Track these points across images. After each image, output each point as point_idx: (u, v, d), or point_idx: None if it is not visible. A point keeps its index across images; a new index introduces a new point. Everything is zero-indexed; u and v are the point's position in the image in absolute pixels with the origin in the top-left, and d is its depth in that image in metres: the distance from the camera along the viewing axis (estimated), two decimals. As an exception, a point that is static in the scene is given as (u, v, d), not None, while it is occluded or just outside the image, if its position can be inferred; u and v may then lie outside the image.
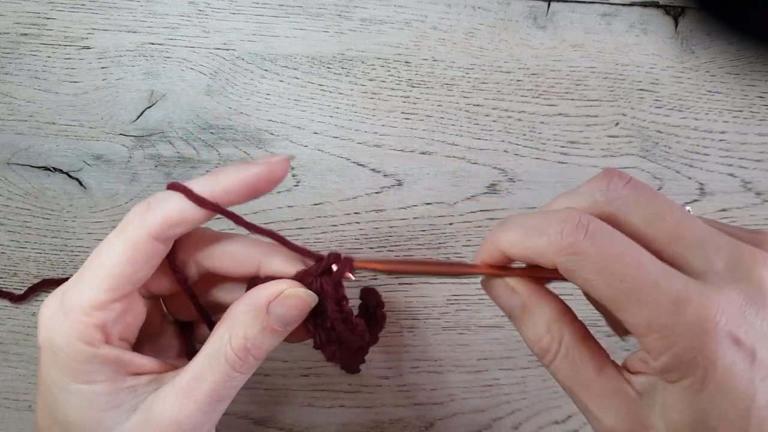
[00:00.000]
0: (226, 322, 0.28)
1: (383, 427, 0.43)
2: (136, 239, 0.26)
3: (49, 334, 0.26)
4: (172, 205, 0.27)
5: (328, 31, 0.43)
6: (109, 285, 0.26)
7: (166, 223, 0.27)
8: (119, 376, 0.27)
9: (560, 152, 0.43)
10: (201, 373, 0.27)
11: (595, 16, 0.44)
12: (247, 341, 0.27)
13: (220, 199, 0.27)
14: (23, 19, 0.43)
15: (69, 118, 0.43)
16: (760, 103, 0.44)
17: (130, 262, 0.26)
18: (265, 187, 0.28)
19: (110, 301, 0.26)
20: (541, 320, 0.27)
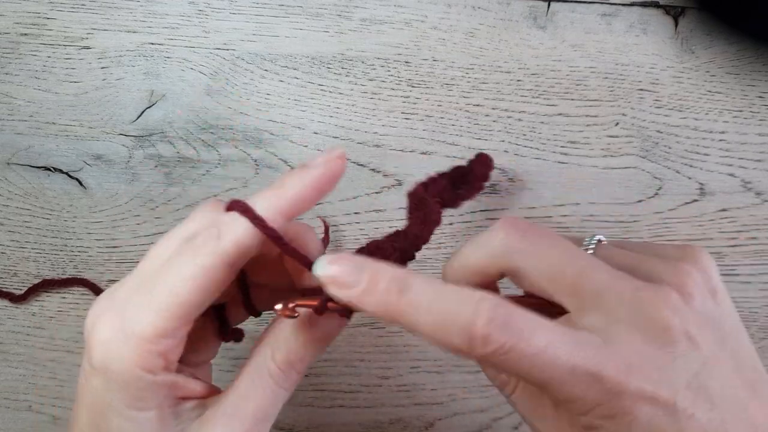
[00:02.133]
0: (268, 338, 0.28)
1: (383, 427, 0.43)
2: (209, 267, 0.25)
3: (106, 356, 0.25)
4: (241, 231, 0.25)
5: (328, 31, 0.43)
6: (178, 313, 0.25)
7: (239, 251, 0.25)
8: (168, 401, 0.26)
9: (560, 152, 0.43)
10: (245, 392, 0.27)
11: (595, 16, 0.44)
12: (290, 354, 0.27)
13: (289, 213, 0.26)
14: (23, 19, 0.43)
15: (69, 118, 0.43)
16: (760, 103, 0.44)
17: (202, 290, 0.25)
18: (328, 188, 0.27)
19: (177, 328, 0.25)
20: None
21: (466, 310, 0.24)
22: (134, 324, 0.25)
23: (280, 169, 0.43)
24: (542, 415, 0.26)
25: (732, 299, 0.42)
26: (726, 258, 0.43)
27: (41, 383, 0.43)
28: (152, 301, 0.25)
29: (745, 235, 0.43)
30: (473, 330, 0.23)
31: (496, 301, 0.24)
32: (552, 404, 0.26)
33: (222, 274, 0.25)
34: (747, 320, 0.42)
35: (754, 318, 0.43)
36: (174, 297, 0.25)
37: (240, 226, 0.25)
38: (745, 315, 0.43)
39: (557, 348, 0.23)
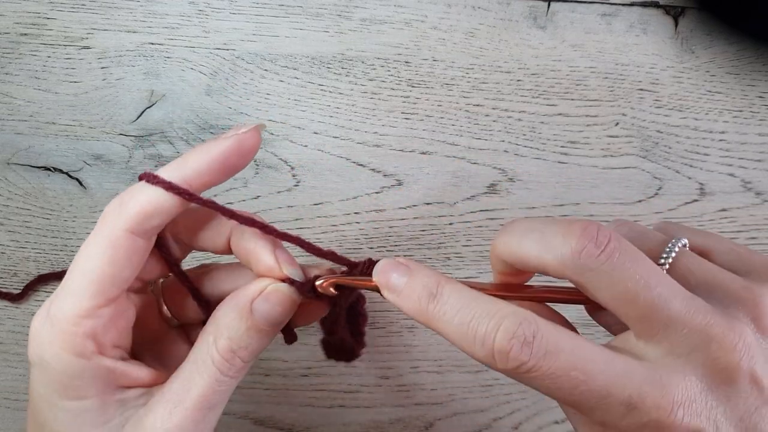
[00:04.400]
0: (210, 325, 0.27)
1: (383, 427, 0.43)
2: (113, 237, 0.25)
3: (37, 347, 0.25)
4: (144, 197, 0.25)
5: (328, 31, 0.43)
6: (93, 290, 0.25)
7: (142, 215, 0.25)
8: (109, 389, 0.26)
9: (560, 152, 0.43)
10: (188, 379, 0.26)
11: (595, 16, 0.44)
12: (233, 342, 0.26)
13: (193, 182, 0.26)
14: (23, 19, 0.43)
15: (69, 118, 0.43)
16: (760, 103, 0.44)
17: (111, 263, 0.25)
18: (239, 162, 0.27)
19: (96, 306, 0.25)
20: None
21: (490, 324, 0.23)
22: (56, 310, 0.25)
23: (280, 169, 0.43)
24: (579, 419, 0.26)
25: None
26: (726, 258, 0.43)
27: (41, 383, 0.43)
28: (68, 285, 0.25)
29: (745, 235, 0.43)
30: (494, 345, 0.23)
31: (524, 317, 0.23)
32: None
33: (128, 242, 0.25)
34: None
35: (754, 318, 0.43)
36: (86, 274, 0.25)
37: (142, 191, 0.25)
38: None
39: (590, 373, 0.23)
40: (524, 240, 0.25)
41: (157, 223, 0.26)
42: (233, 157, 0.26)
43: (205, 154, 0.26)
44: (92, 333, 0.25)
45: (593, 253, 0.24)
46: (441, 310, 0.25)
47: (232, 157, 0.26)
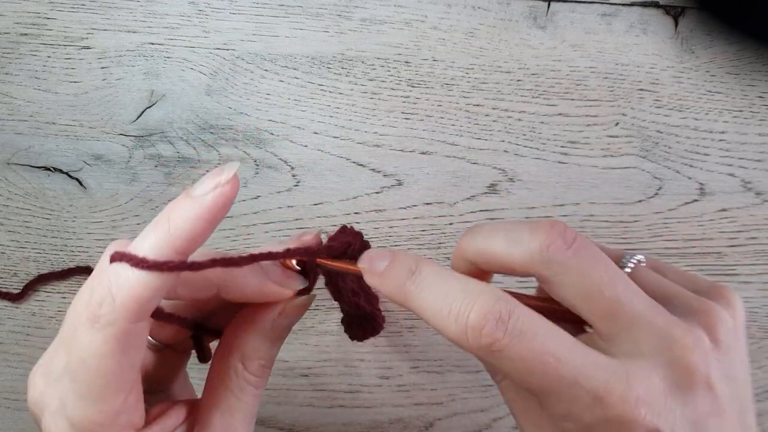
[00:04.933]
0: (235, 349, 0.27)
1: (383, 427, 0.43)
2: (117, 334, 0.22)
3: None
4: (138, 286, 0.22)
5: (328, 31, 0.43)
6: (115, 389, 0.23)
7: (141, 304, 0.22)
8: None
9: (560, 152, 0.43)
10: (229, 407, 0.27)
11: (595, 16, 0.44)
12: (263, 361, 0.28)
13: (185, 251, 0.23)
14: (23, 19, 0.43)
15: (69, 118, 0.43)
16: (760, 103, 0.44)
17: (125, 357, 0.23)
18: (221, 216, 0.24)
19: (124, 401, 0.24)
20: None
21: (465, 301, 0.24)
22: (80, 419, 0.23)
23: (280, 169, 0.43)
24: (525, 408, 0.26)
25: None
26: (726, 258, 0.43)
27: (41, 383, 0.43)
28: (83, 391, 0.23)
29: (745, 235, 0.43)
30: (468, 320, 0.23)
31: (499, 296, 0.24)
32: (538, 403, 0.26)
33: (134, 329, 0.23)
34: (747, 320, 0.42)
35: (754, 318, 0.43)
36: (101, 375, 0.23)
37: (129, 278, 0.22)
38: (745, 315, 0.42)
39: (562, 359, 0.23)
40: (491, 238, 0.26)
41: (158, 302, 0.24)
42: (218, 215, 0.23)
43: (188, 218, 0.23)
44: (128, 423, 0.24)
45: (561, 247, 0.24)
46: (418, 287, 0.25)
47: (217, 215, 0.23)
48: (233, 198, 0.23)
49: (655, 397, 0.23)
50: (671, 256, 0.43)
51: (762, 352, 0.42)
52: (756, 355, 0.42)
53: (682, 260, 0.43)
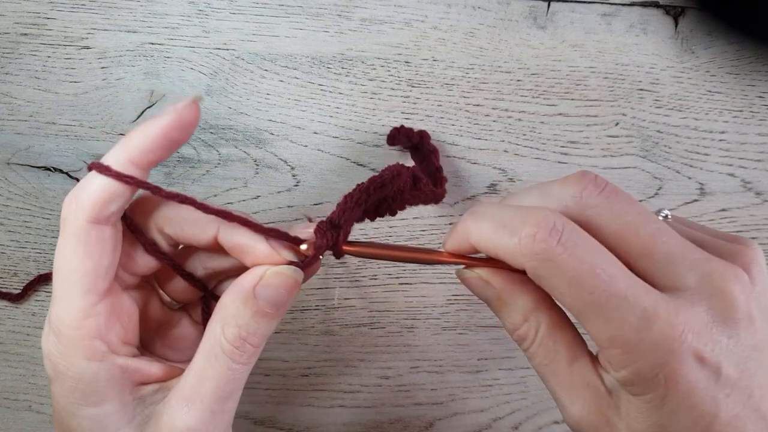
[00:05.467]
0: (216, 315, 0.27)
1: (383, 427, 0.43)
2: (78, 233, 0.25)
3: (50, 361, 0.26)
4: (96, 186, 0.26)
5: (328, 31, 0.43)
6: (80, 289, 0.25)
7: (98, 204, 0.25)
8: (126, 389, 0.26)
9: (560, 152, 0.43)
10: (201, 372, 0.26)
11: (595, 16, 0.44)
12: (241, 329, 0.26)
13: (139, 161, 0.26)
14: (23, 19, 0.43)
15: (69, 118, 0.43)
16: (760, 103, 0.44)
17: (87, 257, 0.25)
18: (181, 136, 0.27)
19: (91, 304, 0.25)
20: (517, 311, 0.27)
21: (520, 215, 0.25)
22: (55, 321, 0.26)
23: (280, 169, 0.43)
24: (556, 371, 0.26)
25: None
26: (726, 258, 0.43)
27: (41, 383, 0.43)
28: (56, 293, 0.26)
29: (745, 235, 0.43)
30: (522, 231, 0.24)
31: (553, 211, 0.24)
32: (567, 360, 0.26)
33: (94, 232, 0.25)
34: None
35: (754, 318, 0.43)
36: (69, 276, 0.25)
37: (91, 181, 0.26)
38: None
39: (613, 276, 0.23)
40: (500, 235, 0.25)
41: (115, 207, 0.26)
42: (174, 132, 0.26)
43: (148, 132, 0.26)
44: (96, 332, 0.26)
45: (593, 191, 0.25)
46: (477, 218, 0.26)
47: (173, 131, 0.26)
48: (191, 121, 0.26)
49: (701, 326, 0.23)
50: (671, 256, 0.43)
51: (762, 352, 0.42)
52: (756, 355, 0.42)
53: (682, 260, 0.43)
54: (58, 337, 0.25)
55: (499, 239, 0.25)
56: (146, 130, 0.26)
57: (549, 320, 0.27)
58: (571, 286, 0.24)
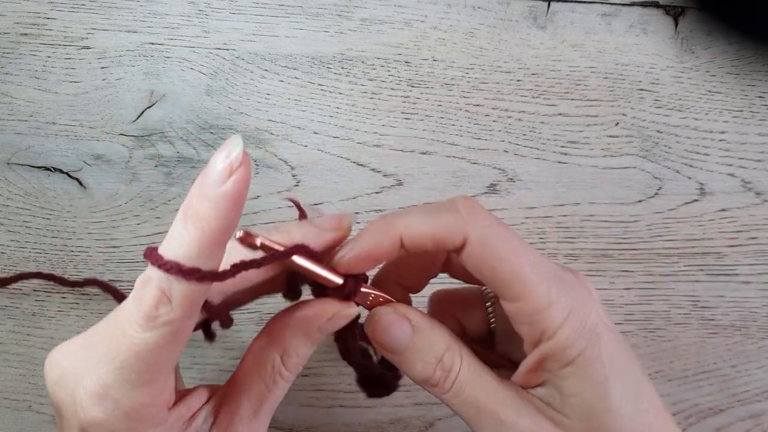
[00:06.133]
0: (277, 342, 0.28)
1: (383, 427, 0.43)
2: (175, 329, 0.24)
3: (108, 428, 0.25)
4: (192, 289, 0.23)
5: (328, 31, 0.43)
6: (161, 379, 0.25)
7: (194, 307, 0.24)
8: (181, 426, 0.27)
9: (560, 152, 0.43)
10: (259, 395, 0.28)
11: (595, 16, 0.44)
12: (301, 359, 0.28)
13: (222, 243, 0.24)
14: (23, 19, 0.43)
15: (69, 118, 0.43)
16: (760, 103, 0.44)
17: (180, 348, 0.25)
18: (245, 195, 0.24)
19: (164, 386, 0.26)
20: (439, 339, 0.28)
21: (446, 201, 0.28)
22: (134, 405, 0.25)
23: (280, 169, 0.43)
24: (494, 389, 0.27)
25: (732, 299, 0.42)
26: (726, 258, 0.43)
27: (41, 383, 0.43)
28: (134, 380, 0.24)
29: (745, 235, 0.43)
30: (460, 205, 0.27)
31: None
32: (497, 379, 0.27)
33: (183, 327, 0.24)
34: (747, 320, 0.42)
35: (754, 318, 0.43)
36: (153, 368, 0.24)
37: (184, 285, 0.23)
38: (745, 315, 0.43)
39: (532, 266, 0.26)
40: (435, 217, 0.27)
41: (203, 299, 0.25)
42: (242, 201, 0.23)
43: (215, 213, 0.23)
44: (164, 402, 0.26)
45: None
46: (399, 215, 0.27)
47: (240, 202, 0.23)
48: (250, 175, 0.23)
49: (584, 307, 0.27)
50: (671, 256, 0.43)
51: (762, 352, 0.42)
52: (756, 355, 0.42)
53: (682, 260, 0.43)
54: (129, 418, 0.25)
55: (438, 218, 0.26)
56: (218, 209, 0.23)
57: (466, 346, 0.28)
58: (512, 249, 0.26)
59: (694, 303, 0.42)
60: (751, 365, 0.42)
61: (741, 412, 0.42)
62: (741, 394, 0.42)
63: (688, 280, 0.43)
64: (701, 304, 0.42)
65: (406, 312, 0.28)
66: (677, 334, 0.42)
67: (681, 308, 0.42)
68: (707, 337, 0.42)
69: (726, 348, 0.42)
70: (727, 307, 0.42)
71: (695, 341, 0.42)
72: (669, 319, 0.42)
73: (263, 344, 0.29)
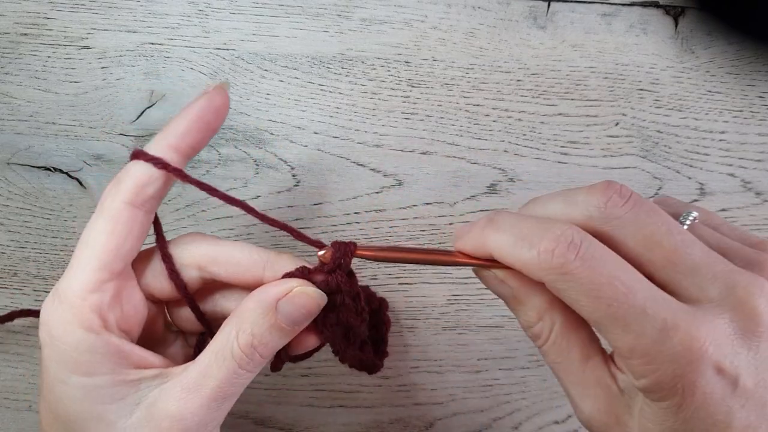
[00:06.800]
0: (233, 318, 0.28)
1: (383, 427, 0.43)
2: (112, 211, 0.27)
3: (47, 326, 0.26)
4: (137, 170, 0.27)
5: (328, 31, 0.43)
6: (97, 263, 0.26)
7: (137, 187, 0.27)
8: (121, 368, 0.26)
9: (560, 152, 0.43)
10: (207, 369, 0.27)
11: (595, 16, 0.44)
12: (254, 338, 0.27)
13: (180, 146, 0.28)
14: (23, 19, 0.43)
15: (69, 118, 0.43)
16: (760, 103, 0.44)
17: (112, 235, 0.26)
18: (215, 120, 0.29)
19: (101, 280, 0.26)
20: (532, 309, 0.27)
21: (540, 228, 0.25)
22: (64, 287, 0.26)
23: (280, 169, 0.43)
24: (569, 369, 0.27)
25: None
26: (726, 258, 0.43)
27: (41, 383, 0.43)
28: (74, 262, 0.27)
29: (745, 235, 0.43)
30: (541, 245, 0.24)
31: (574, 228, 0.24)
32: (580, 359, 0.26)
33: (126, 213, 0.27)
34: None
35: (754, 318, 0.43)
36: (90, 249, 0.26)
37: (133, 166, 0.28)
38: None
39: (632, 288, 0.23)
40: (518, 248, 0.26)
41: (152, 191, 0.28)
42: (208, 115, 0.28)
43: (184, 117, 0.28)
44: (98, 307, 0.26)
45: (618, 202, 0.25)
46: (497, 225, 0.27)
47: (207, 114, 0.28)
48: (221, 105, 0.29)
49: (722, 338, 0.23)
50: (671, 256, 0.43)
51: (762, 352, 0.42)
52: (756, 355, 0.42)
53: (682, 260, 0.43)
54: (60, 303, 0.26)
55: (518, 252, 0.25)
56: (182, 115, 0.28)
57: (563, 320, 0.27)
58: (589, 298, 0.24)
59: (694, 303, 0.42)
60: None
61: (741, 412, 0.42)
62: (741, 394, 0.42)
63: (688, 280, 0.43)
64: (701, 304, 0.42)
65: (505, 277, 0.28)
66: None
67: (681, 308, 0.42)
68: (707, 337, 0.42)
69: (726, 348, 0.42)
70: (727, 307, 0.42)
71: (695, 341, 0.42)
72: (669, 319, 0.42)
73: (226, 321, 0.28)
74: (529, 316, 0.27)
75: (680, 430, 0.24)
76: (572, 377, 0.26)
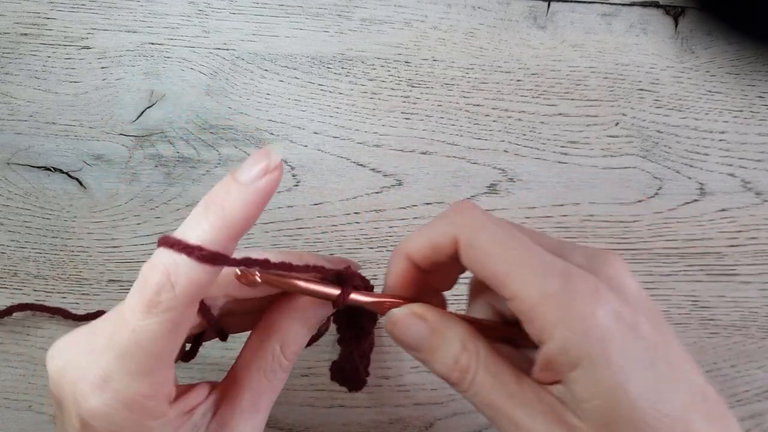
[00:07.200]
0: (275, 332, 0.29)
1: (383, 427, 0.43)
2: (175, 317, 0.24)
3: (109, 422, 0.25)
4: (197, 274, 0.23)
5: (328, 31, 0.43)
6: (164, 366, 0.25)
7: (198, 294, 0.24)
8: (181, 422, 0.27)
9: (560, 152, 0.43)
10: (259, 386, 0.28)
11: (595, 16, 0.44)
12: (299, 347, 0.29)
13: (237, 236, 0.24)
14: (23, 19, 0.43)
15: (69, 118, 0.43)
16: (760, 103, 0.44)
17: (179, 337, 0.25)
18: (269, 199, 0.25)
19: (165, 377, 0.25)
20: (455, 339, 0.27)
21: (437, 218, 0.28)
22: (130, 394, 0.24)
23: (280, 169, 0.43)
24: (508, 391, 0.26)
25: (732, 299, 0.42)
26: (726, 258, 0.43)
27: (41, 383, 0.43)
28: (134, 367, 0.24)
29: (745, 235, 0.43)
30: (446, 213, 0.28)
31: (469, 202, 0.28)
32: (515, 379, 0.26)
33: (187, 314, 0.24)
34: (747, 320, 0.42)
35: (754, 318, 0.43)
36: (153, 358, 0.24)
37: (189, 268, 0.23)
38: (745, 315, 0.43)
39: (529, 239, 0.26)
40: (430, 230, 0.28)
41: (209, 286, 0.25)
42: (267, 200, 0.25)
43: (242, 202, 0.24)
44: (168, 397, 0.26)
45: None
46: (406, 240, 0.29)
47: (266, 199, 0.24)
48: (277, 183, 0.25)
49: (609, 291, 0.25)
50: (671, 256, 0.43)
51: (762, 352, 0.42)
52: (756, 355, 0.42)
53: (682, 260, 0.43)
54: (130, 409, 0.24)
55: (431, 232, 0.27)
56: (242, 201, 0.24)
57: (485, 344, 0.27)
58: (500, 246, 0.25)
59: (694, 303, 0.42)
60: (751, 365, 0.42)
61: (741, 412, 0.42)
62: (741, 394, 0.42)
63: (688, 280, 0.43)
64: (701, 304, 0.42)
65: (423, 312, 0.28)
66: (677, 334, 0.42)
67: (681, 308, 0.42)
68: (707, 337, 0.42)
69: (726, 348, 0.42)
70: (727, 307, 0.42)
71: (695, 341, 0.42)
72: (669, 319, 0.42)
73: (261, 336, 0.29)
74: (452, 348, 0.27)
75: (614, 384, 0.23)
76: (514, 399, 0.26)
